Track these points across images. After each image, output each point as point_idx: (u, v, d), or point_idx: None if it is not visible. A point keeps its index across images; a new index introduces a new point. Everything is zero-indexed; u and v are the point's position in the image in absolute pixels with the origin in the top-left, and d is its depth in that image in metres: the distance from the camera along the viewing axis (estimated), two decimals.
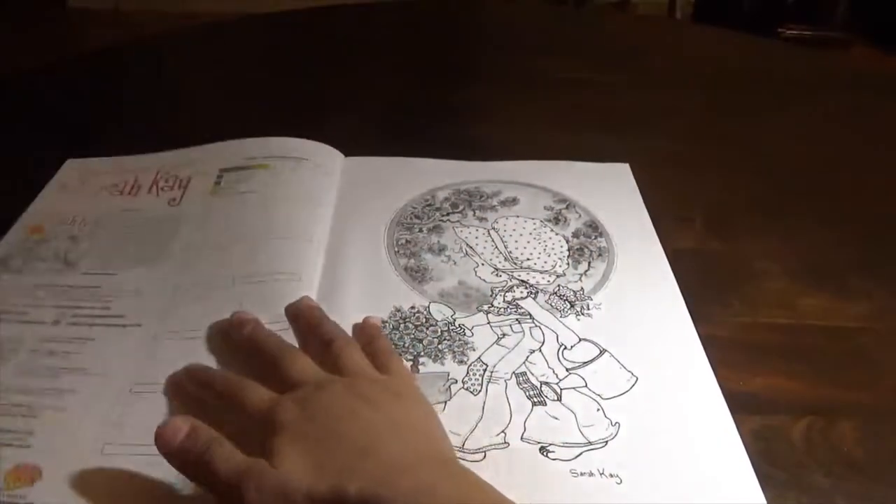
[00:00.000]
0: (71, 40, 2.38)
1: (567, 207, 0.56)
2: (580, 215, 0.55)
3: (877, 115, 0.72)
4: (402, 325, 0.46)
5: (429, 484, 0.32)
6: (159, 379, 0.42)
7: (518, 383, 0.42)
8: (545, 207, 0.56)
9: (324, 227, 0.53)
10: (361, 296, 0.48)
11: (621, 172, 0.60)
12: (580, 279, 0.50)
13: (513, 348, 0.44)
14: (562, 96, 0.74)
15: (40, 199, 0.58)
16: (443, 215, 0.55)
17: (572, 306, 0.47)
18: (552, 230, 0.54)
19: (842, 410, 0.41)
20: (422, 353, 0.44)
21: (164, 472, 0.37)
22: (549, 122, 0.68)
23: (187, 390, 0.41)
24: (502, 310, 0.47)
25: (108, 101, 0.75)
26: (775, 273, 0.51)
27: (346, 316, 0.46)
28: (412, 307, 0.47)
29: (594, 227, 0.54)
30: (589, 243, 0.53)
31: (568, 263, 0.51)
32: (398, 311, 0.47)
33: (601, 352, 0.44)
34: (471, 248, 0.52)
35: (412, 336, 0.45)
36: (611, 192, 0.58)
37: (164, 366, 0.43)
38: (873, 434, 0.40)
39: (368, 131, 0.61)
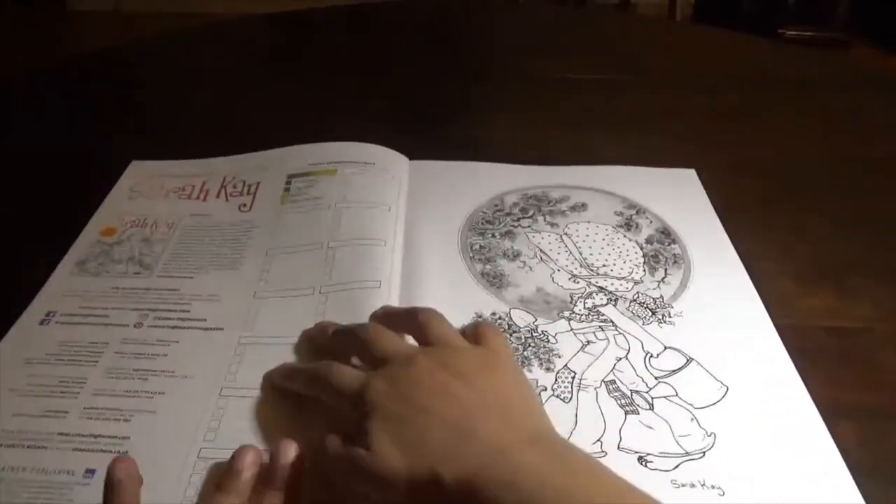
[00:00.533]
0: (71, 42, 2.38)
1: (637, 213, 0.56)
2: (651, 221, 0.55)
3: (877, 115, 0.72)
4: None
5: (530, 466, 0.31)
6: (248, 384, 0.42)
7: (608, 391, 0.42)
8: (615, 213, 0.56)
9: (397, 232, 0.53)
10: (443, 302, 0.47)
11: (688, 178, 0.60)
12: (658, 286, 0.49)
13: (599, 356, 0.44)
14: (562, 96, 0.74)
15: (109, 200, 0.58)
16: (514, 220, 0.55)
17: (654, 314, 0.47)
18: (625, 236, 0.54)
19: (842, 410, 0.41)
20: None
21: None
22: (550, 122, 0.68)
23: (278, 386, 0.41)
24: (584, 317, 0.47)
25: (107, 103, 0.75)
26: (776, 273, 0.51)
27: None
28: (493, 313, 0.47)
29: (667, 234, 0.54)
30: (663, 250, 0.52)
31: (644, 270, 0.51)
32: (479, 317, 0.47)
33: (688, 360, 0.44)
34: (545, 254, 0.52)
35: None
36: (679, 199, 0.58)
37: (251, 370, 0.43)
38: (873, 434, 0.40)
39: (370, 132, 0.61)
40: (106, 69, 0.82)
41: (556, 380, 0.42)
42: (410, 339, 0.41)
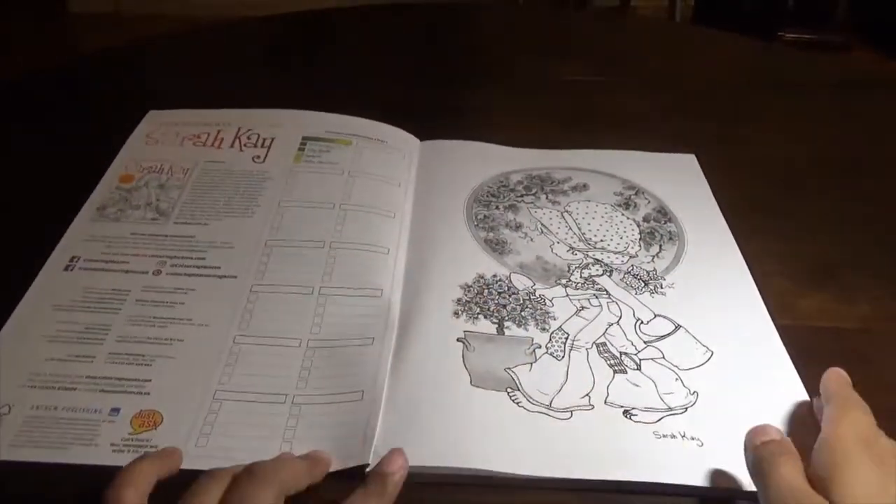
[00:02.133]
0: (71, 43, 2.39)
1: (636, 194, 0.58)
2: (649, 201, 0.57)
3: (876, 117, 0.72)
4: (485, 291, 0.48)
5: None
6: (259, 332, 0.45)
7: (599, 352, 0.44)
8: (615, 193, 0.58)
9: (406, 206, 0.56)
10: (447, 263, 0.50)
11: (688, 162, 0.62)
12: (653, 260, 0.52)
13: (592, 320, 0.47)
14: (562, 98, 0.75)
15: (126, 148, 0.60)
16: (517, 196, 0.57)
17: (646, 284, 0.50)
18: (623, 214, 0.56)
19: None
20: (506, 318, 0.46)
21: (268, 413, 0.40)
22: (550, 123, 0.69)
23: None
24: (580, 284, 0.49)
25: (108, 102, 0.75)
26: (775, 274, 0.51)
27: (433, 281, 0.49)
28: (494, 275, 0.50)
29: (664, 213, 0.56)
30: (659, 227, 0.55)
31: (640, 246, 0.53)
32: (481, 277, 0.49)
33: (676, 327, 0.46)
34: (545, 227, 0.54)
35: (496, 301, 0.47)
36: (678, 181, 0.60)
37: (262, 319, 0.46)
38: None
39: None
40: (106, 69, 0.82)
41: (550, 339, 0.45)
42: None
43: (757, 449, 0.35)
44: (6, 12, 2.42)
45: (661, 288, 0.49)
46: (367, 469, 0.38)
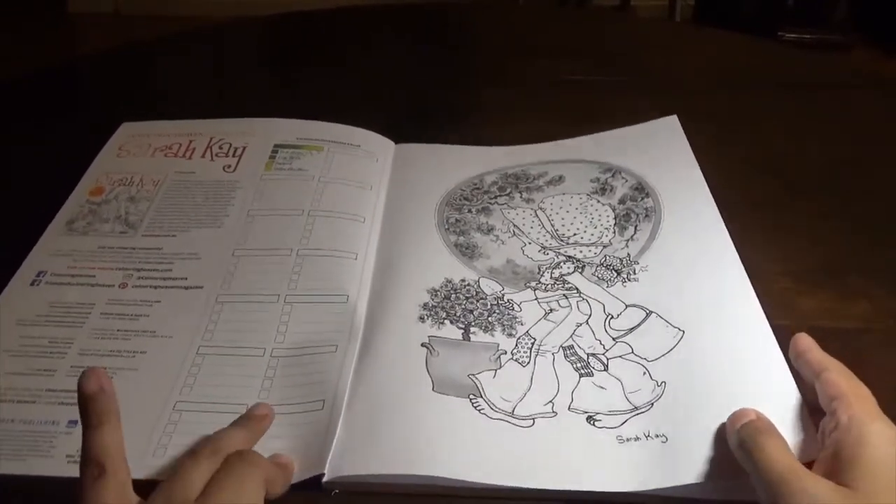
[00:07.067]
0: (71, 43, 2.41)
1: (613, 176, 0.57)
2: (627, 180, 0.56)
3: (876, 117, 0.71)
4: (453, 296, 0.48)
5: None
6: (223, 342, 0.45)
7: (565, 356, 0.44)
8: (591, 180, 0.57)
9: (377, 210, 0.55)
10: (415, 268, 0.50)
11: (669, 125, 0.62)
12: (626, 245, 0.51)
13: (560, 323, 0.46)
14: (563, 97, 0.74)
15: (98, 161, 0.60)
16: (491, 198, 0.57)
17: (619, 274, 0.49)
18: (598, 201, 0.55)
19: None
20: (473, 324, 0.46)
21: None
22: (550, 123, 0.68)
23: None
24: (549, 286, 0.49)
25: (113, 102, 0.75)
26: (775, 274, 0.51)
27: (399, 286, 0.48)
28: (462, 280, 0.49)
29: (640, 189, 0.55)
30: (635, 206, 0.54)
31: (614, 232, 0.52)
32: (449, 281, 0.49)
33: (647, 314, 0.45)
34: (518, 228, 0.54)
35: (463, 306, 0.47)
36: (658, 150, 0.59)
37: (227, 328, 0.46)
38: None
39: (368, 129, 0.63)
40: (105, 70, 0.83)
41: (516, 345, 0.44)
42: None
43: (737, 432, 0.36)
44: (6, 12, 2.43)
45: (635, 274, 0.49)
46: (324, 480, 0.37)
